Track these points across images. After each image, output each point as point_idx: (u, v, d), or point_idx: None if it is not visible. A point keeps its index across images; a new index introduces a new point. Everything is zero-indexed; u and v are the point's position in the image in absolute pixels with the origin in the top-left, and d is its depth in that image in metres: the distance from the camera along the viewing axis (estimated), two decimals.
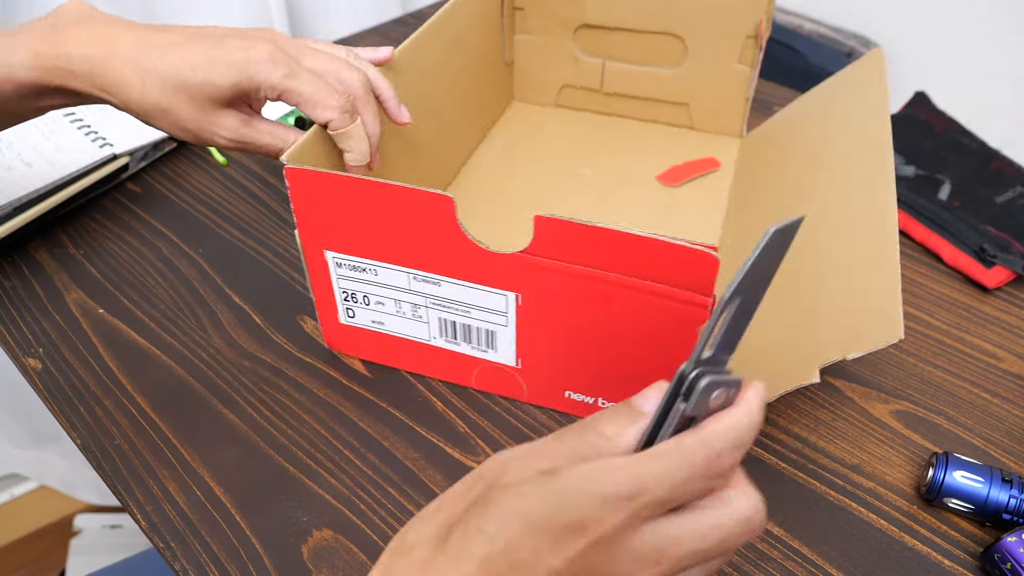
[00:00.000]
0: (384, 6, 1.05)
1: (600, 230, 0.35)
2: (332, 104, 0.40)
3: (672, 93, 0.65)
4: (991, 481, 0.38)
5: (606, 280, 0.37)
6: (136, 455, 0.42)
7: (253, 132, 0.42)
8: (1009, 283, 0.53)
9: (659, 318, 0.37)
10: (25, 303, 0.51)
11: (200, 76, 0.40)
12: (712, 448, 0.24)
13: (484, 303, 0.40)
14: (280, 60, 0.40)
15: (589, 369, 0.42)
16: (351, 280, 0.42)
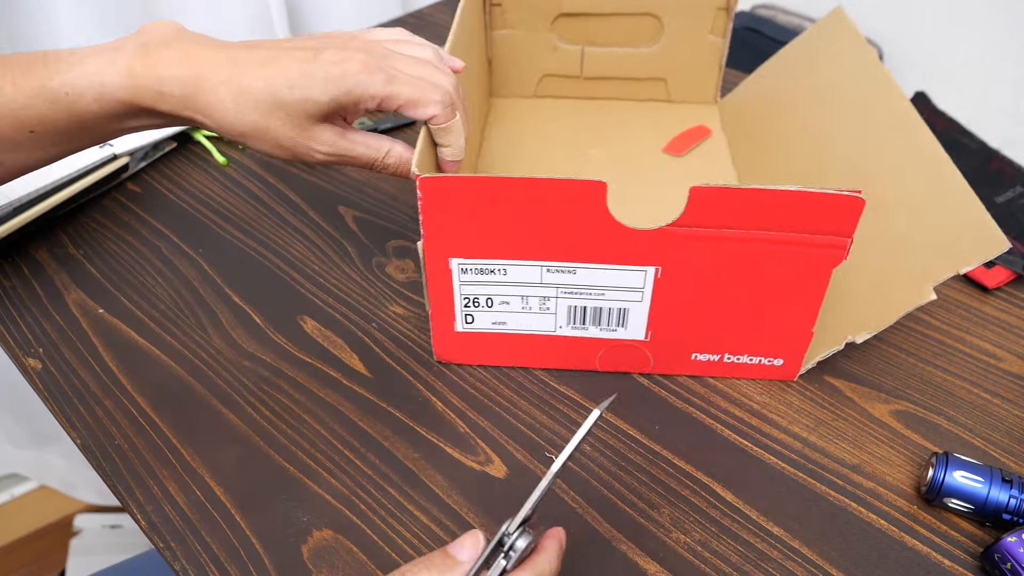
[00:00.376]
0: (384, 6, 1.05)
1: (755, 191, 0.36)
2: (435, 99, 0.40)
3: (650, 70, 0.68)
4: (991, 481, 0.38)
5: (748, 239, 0.38)
6: (136, 455, 0.42)
7: (349, 144, 0.42)
8: (1009, 283, 0.53)
9: (795, 266, 0.39)
10: (25, 303, 0.51)
11: (298, 94, 0.39)
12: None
13: (620, 282, 0.41)
14: (375, 68, 0.40)
15: (717, 328, 0.43)
16: (475, 284, 0.42)
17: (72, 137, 0.43)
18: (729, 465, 0.41)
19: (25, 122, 0.41)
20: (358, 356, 0.47)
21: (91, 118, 0.41)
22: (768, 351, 0.44)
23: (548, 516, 0.39)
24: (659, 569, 0.37)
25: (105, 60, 0.40)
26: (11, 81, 0.40)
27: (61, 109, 0.40)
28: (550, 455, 0.42)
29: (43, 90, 0.40)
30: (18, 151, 0.42)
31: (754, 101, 0.65)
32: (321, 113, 0.40)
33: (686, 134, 0.65)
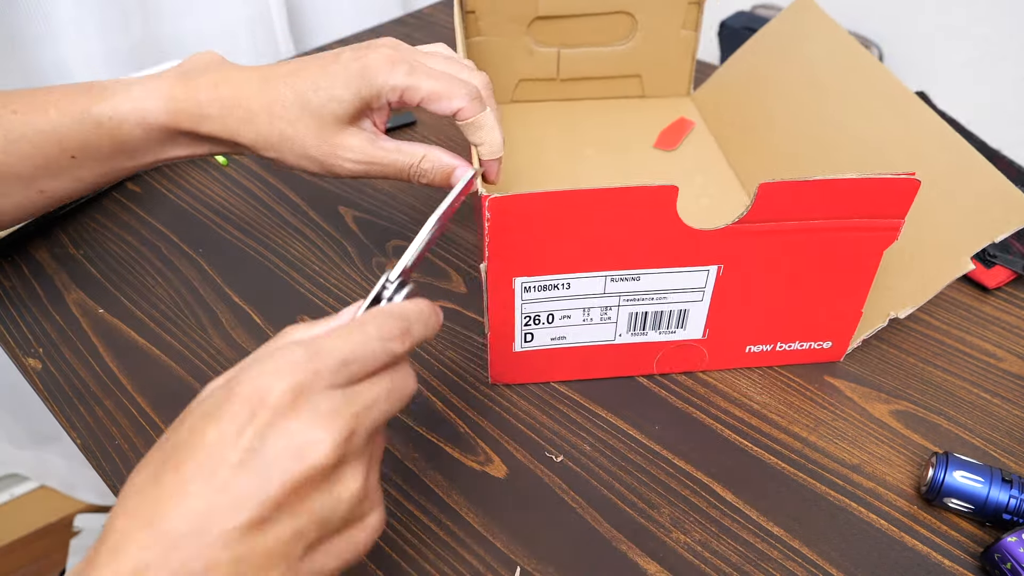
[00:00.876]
0: (384, 6, 1.05)
1: (819, 182, 0.37)
2: (460, 93, 0.39)
3: (625, 67, 0.68)
4: (991, 481, 0.38)
5: (807, 228, 0.39)
6: (136, 455, 0.42)
7: (380, 152, 0.42)
8: (1009, 283, 0.53)
9: (849, 250, 0.40)
10: (25, 303, 0.51)
11: (323, 95, 0.40)
12: (383, 322, 0.28)
13: (683, 284, 0.41)
14: (397, 60, 0.39)
15: (771, 318, 0.43)
16: (537, 302, 0.41)
17: (113, 164, 0.43)
18: (729, 465, 0.41)
19: (68, 147, 0.42)
20: None
21: (133, 143, 0.42)
22: (818, 335, 0.45)
23: (548, 516, 0.39)
24: (659, 569, 0.37)
25: (148, 87, 0.42)
26: (56, 106, 0.41)
27: (104, 134, 0.42)
28: (550, 455, 0.42)
29: (87, 115, 0.41)
30: (59, 177, 0.43)
31: (730, 90, 0.66)
32: (347, 113, 0.40)
33: (673, 128, 0.66)
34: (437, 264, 0.54)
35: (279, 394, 0.25)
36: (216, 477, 0.24)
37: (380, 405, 0.28)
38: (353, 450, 0.26)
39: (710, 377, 0.46)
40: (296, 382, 0.26)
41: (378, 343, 0.28)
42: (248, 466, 0.25)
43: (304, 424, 0.25)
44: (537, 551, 0.38)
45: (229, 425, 0.25)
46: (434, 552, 0.38)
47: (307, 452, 0.25)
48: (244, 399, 0.25)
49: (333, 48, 0.83)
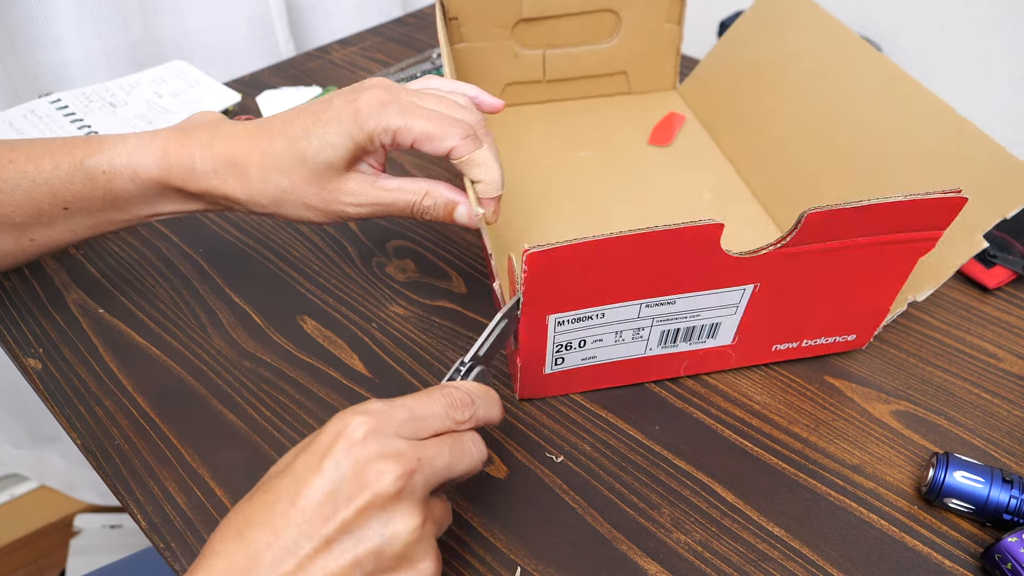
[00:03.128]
0: (384, 6, 1.05)
1: (867, 207, 0.36)
2: (453, 132, 0.39)
3: (610, 65, 0.68)
4: (991, 481, 0.38)
5: (848, 246, 0.39)
6: (136, 455, 0.42)
7: (381, 192, 0.41)
8: (1009, 283, 0.53)
9: (888, 260, 0.40)
10: (25, 303, 0.51)
11: (316, 143, 0.39)
12: (449, 393, 0.33)
13: (718, 303, 0.40)
14: (388, 102, 0.39)
15: (801, 320, 0.43)
16: (571, 333, 0.40)
17: (105, 216, 0.43)
18: (729, 465, 0.41)
19: (61, 198, 0.42)
20: (358, 356, 0.47)
21: (126, 197, 0.42)
22: (843, 330, 0.45)
23: (548, 516, 0.39)
24: (659, 569, 0.37)
25: (143, 142, 0.42)
26: (51, 158, 0.41)
27: (97, 187, 0.42)
28: (550, 455, 0.42)
29: (81, 167, 0.41)
30: (51, 227, 0.43)
31: (716, 81, 0.66)
32: (341, 159, 0.39)
33: (664, 123, 0.66)
34: (437, 264, 0.54)
35: (356, 430, 0.29)
36: (299, 498, 0.28)
37: (441, 459, 0.31)
38: (412, 490, 0.30)
39: (710, 377, 0.46)
40: (372, 423, 0.30)
41: (442, 408, 0.32)
42: (324, 490, 0.28)
43: (373, 456, 0.29)
44: (537, 551, 0.38)
45: (313, 455, 0.29)
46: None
47: (372, 480, 0.29)
48: (328, 434, 0.30)
49: (332, 47, 0.83)
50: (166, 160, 0.41)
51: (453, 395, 0.33)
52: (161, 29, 0.88)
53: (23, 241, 0.43)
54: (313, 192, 0.40)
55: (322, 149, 0.39)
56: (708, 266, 0.38)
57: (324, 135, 0.39)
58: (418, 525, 0.29)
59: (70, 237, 0.44)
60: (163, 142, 0.41)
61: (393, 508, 0.29)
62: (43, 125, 0.62)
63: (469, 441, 0.33)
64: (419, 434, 0.31)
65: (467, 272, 0.53)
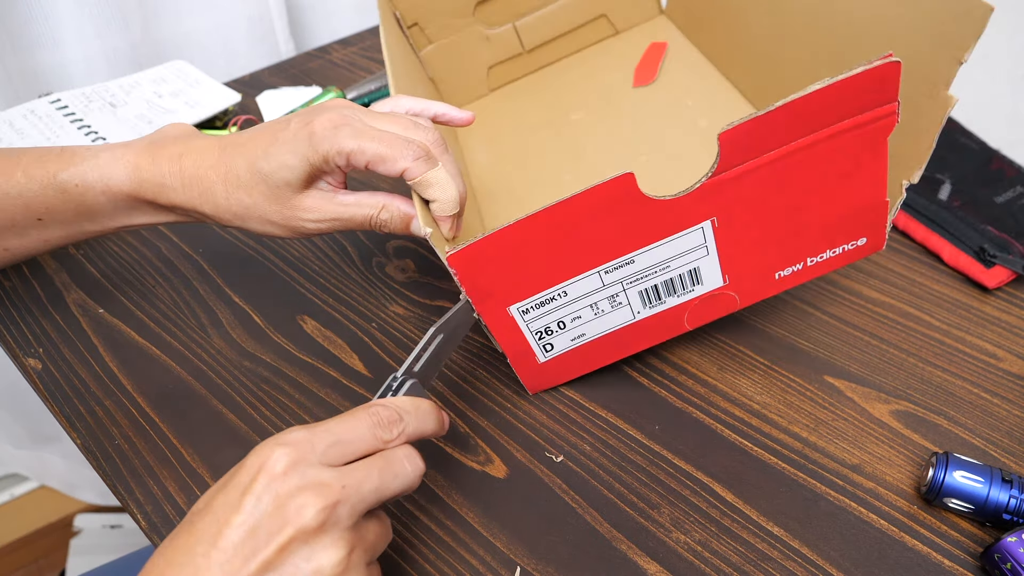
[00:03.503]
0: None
1: (782, 108, 0.34)
2: (404, 153, 0.38)
3: (588, 12, 0.66)
4: (991, 481, 0.38)
5: (791, 151, 0.36)
6: (136, 455, 0.42)
7: (338, 207, 0.41)
8: (1009, 283, 0.53)
9: (848, 153, 0.38)
10: (25, 303, 0.51)
11: (273, 162, 0.39)
12: (375, 412, 0.33)
13: (680, 249, 0.39)
14: (341, 124, 0.39)
15: (793, 240, 0.41)
16: (542, 318, 0.40)
17: (78, 227, 0.44)
18: (729, 465, 0.41)
19: (34, 210, 0.42)
20: (358, 356, 0.47)
21: (98, 210, 0.43)
22: (849, 236, 0.42)
23: (548, 516, 0.39)
24: (659, 569, 0.37)
25: (115, 155, 0.42)
26: (23, 171, 0.42)
27: (70, 200, 0.42)
28: (550, 455, 0.42)
29: (53, 181, 0.42)
30: (24, 237, 0.44)
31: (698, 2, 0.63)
32: (298, 179, 0.40)
33: (645, 60, 0.63)
34: (437, 264, 0.54)
35: (276, 463, 0.29)
36: (219, 538, 0.28)
37: (369, 483, 0.31)
38: (337, 521, 0.29)
39: (710, 377, 0.46)
40: (293, 454, 0.30)
41: (367, 428, 0.32)
42: (245, 528, 0.28)
43: (293, 489, 0.29)
44: (537, 551, 0.38)
45: (233, 492, 0.29)
46: (434, 552, 0.38)
47: (293, 515, 0.28)
48: (248, 469, 0.30)
49: (332, 47, 0.83)
50: (137, 175, 0.41)
51: (380, 413, 0.33)
52: (161, 29, 0.88)
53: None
54: (274, 209, 0.41)
55: (279, 169, 0.39)
56: (642, 217, 0.37)
57: (280, 155, 0.39)
58: (343, 557, 0.29)
59: (43, 246, 0.45)
60: (135, 156, 0.42)
61: (316, 542, 0.29)
62: (43, 125, 0.62)
63: (402, 458, 0.33)
64: (344, 458, 0.31)
65: None
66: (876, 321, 0.50)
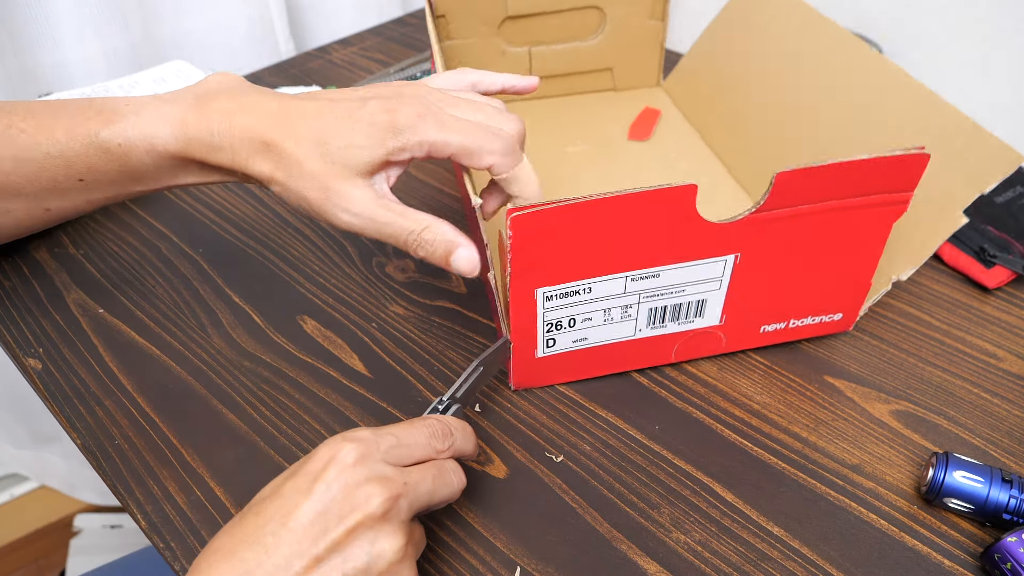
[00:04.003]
0: (384, 6, 1.05)
1: (834, 166, 0.37)
2: (493, 148, 0.37)
3: (596, 62, 0.70)
4: (991, 481, 0.38)
5: (820, 210, 0.39)
6: (136, 455, 0.42)
7: (383, 211, 0.38)
8: (1009, 283, 0.53)
9: (860, 227, 0.41)
10: (25, 303, 0.51)
11: (344, 139, 0.37)
12: (431, 424, 0.35)
13: (701, 276, 0.41)
14: (425, 113, 0.37)
15: (785, 297, 0.44)
16: (559, 309, 0.40)
17: (123, 188, 0.42)
18: (729, 465, 0.41)
19: (76, 170, 0.40)
20: (358, 356, 0.47)
21: (142, 170, 0.41)
22: (828, 309, 0.45)
23: (548, 516, 0.39)
24: (659, 569, 0.37)
25: (160, 112, 0.39)
26: (64, 129, 0.40)
27: (113, 160, 0.40)
28: (550, 455, 0.42)
29: (95, 140, 0.39)
30: (66, 198, 0.42)
31: (698, 75, 0.67)
32: (365, 163, 0.37)
33: (641, 119, 0.67)
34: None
35: (347, 456, 0.31)
36: (289, 519, 0.30)
37: (424, 485, 0.33)
38: (397, 513, 0.31)
39: (710, 377, 0.46)
40: (362, 449, 0.32)
41: (424, 437, 0.34)
42: (315, 511, 0.30)
43: (362, 479, 0.31)
44: (537, 551, 0.38)
45: (303, 479, 0.31)
46: (434, 552, 0.38)
47: (362, 502, 0.30)
48: (319, 459, 0.31)
49: (332, 47, 0.83)
50: (183, 132, 0.39)
51: (435, 426, 0.35)
52: (161, 29, 0.88)
53: (37, 211, 0.42)
54: (316, 186, 0.38)
55: (347, 148, 0.37)
56: (687, 232, 0.38)
57: (353, 135, 0.37)
58: (402, 546, 0.31)
59: (87, 207, 0.43)
60: (181, 112, 0.39)
61: (380, 529, 0.30)
62: None
63: (451, 470, 0.35)
64: (403, 461, 0.33)
65: None
66: (876, 321, 0.50)
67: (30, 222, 0.43)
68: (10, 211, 0.42)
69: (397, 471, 0.32)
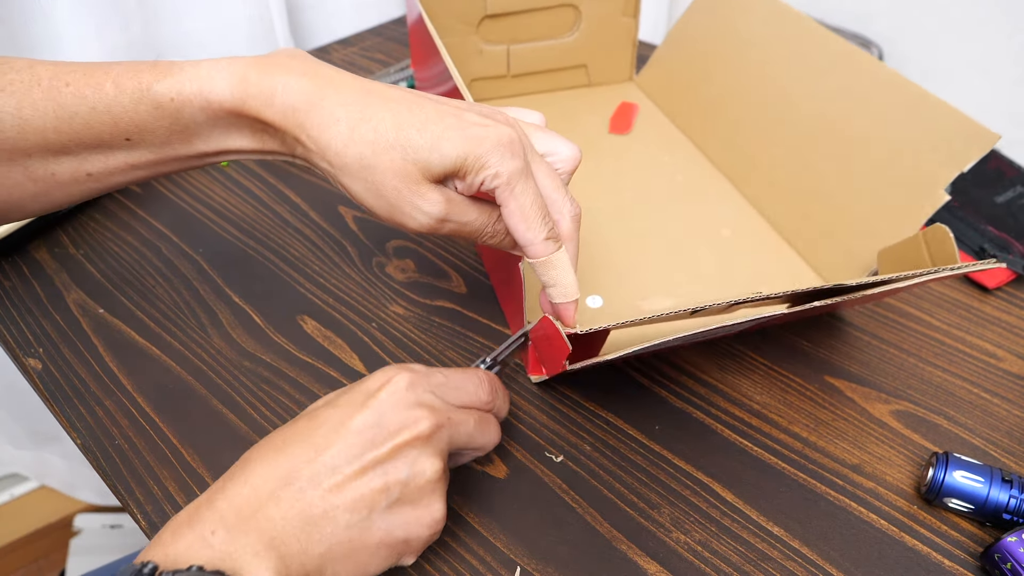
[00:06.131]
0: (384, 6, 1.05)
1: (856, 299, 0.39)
2: (539, 228, 0.35)
3: (571, 58, 0.71)
4: (991, 481, 0.38)
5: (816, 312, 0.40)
6: (136, 455, 0.42)
7: (459, 207, 0.36)
8: (1009, 283, 0.53)
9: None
10: (25, 303, 0.51)
11: (427, 139, 0.34)
12: (481, 375, 0.38)
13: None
14: (518, 153, 0.35)
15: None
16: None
17: (169, 150, 0.39)
18: (729, 465, 0.41)
19: (123, 128, 0.37)
20: (358, 356, 0.47)
21: (194, 129, 0.38)
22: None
23: (548, 516, 0.39)
24: (659, 569, 0.37)
25: (219, 66, 0.36)
26: (114, 82, 0.37)
27: (163, 116, 0.37)
28: (550, 455, 0.42)
29: (147, 94, 0.36)
30: (110, 159, 0.39)
31: (671, 70, 0.69)
32: (438, 169, 0.35)
33: (620, 113, 0.69)
34: (437, 264, 0.54)
35: (401, 380, 0.34)
36: (342, 427, 0.32)
37: (466, 426, 0.35)
38: (439, 440, 0.33)
39: (710, 377, 0.46)
40: (414, 378, 0.34)
41: (472, 385, 0.37)
42: (367, 423, 0.32)
43: (413, 403, 0.33)
44: (537, 551, 0.38)
45: (358, 394, 0.33)
46: (434, 552, 0.38)
47: (411, 422, 0.33)
48: (375, 380, 0.34)
49: (332, 47, 0.83)
50: (242, 86, 0.36)
51: (483, 377, 0.37)
52: (161, 29, 0.87)
53: (79, 175, 0.39)
54: (391, 183, 0.35)
55: (427, 150, 0.34)
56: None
57: (439, 138, 0.34)
58: (440, 469, 0.33)
59: (128, 175, 0.40)
60: (243, 68, 0.36)
61: (422, 449, 0.32)
62: None
63: (492, 422, 0.37)
64: (449, 399, 0.35)
65: (467, 272, 0.53)
66: (876, 321, 0.50)
67: (73, 189, 0.40)
68: (55, 174, 0.39)
69: (445, 404, 0.34)
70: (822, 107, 0.53)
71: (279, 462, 0.31)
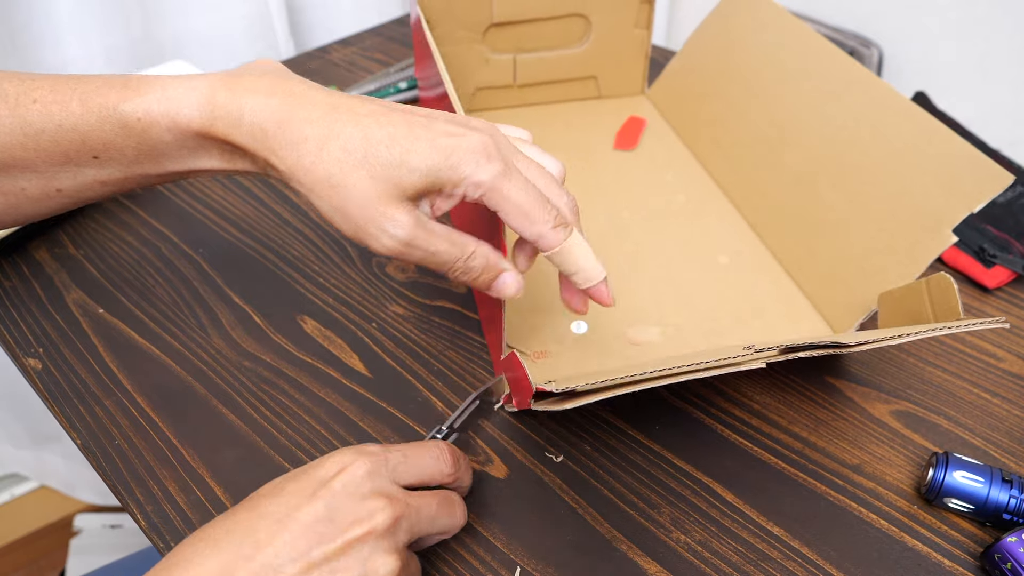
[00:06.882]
0: (384, 6, 1.05)
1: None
2: (544, 217, 0.34)
3: (580, 69, 0.69)
4: (991, 481, 0.38)
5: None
6: (136, 455, 0.42)
7: (428, 235, 0.35)
8: (1009, 283, 0.53)
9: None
10: (25, 303, 0.51)
11: (396, 154, 0.33)
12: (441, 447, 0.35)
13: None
14: (494, 156, 0.34)
15: None
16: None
17: (138, 168, 0.38)
18: (729, 465, 0.41)
19: (91, 146, 0.37)
20: (358, 356, 0.47)
21: (162, 149, 0.37)
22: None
23: (548, 516, 0.39)
24: (659, 569, 0.37)
25: (187, 86, 0.36)
26: (80, 100, 0.36)
27: (131, 135, 0.37)
28: (550, 455, 0.42)
29: (114, 113, 0.36)
30: (79, 177, 0.39)
31: (683, 85, 0.67)
32: (412, 187, 0.34)
33: (626, 128, 0.67)
34: None
35: (358, 468, 0.31)
36: (288, 520, 0.29)
37: (427, 510, 0.33)
38: (398, 534, 0.31)
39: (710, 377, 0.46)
40: (372, 464, 0.32)
41: (431, 458, 0.34)
42: (317, 516, 0.29)
43: (369, 493, 0.31)
44: (537, 551, 0.38)
45: (308, 483, 0.31)
46: (433, 551, 0.38)
47: (366, 516, 0.30)
48: (328, 466, 0.31)
49: (331, 47, 0.83)
50: (210, 107, 0.35)
51: (444, 449, 0.35)
52: (161, 28, 0.88)
53: (50, 190, 0.39)
54: (359, 203, 0.34)
55: (397, 166, 0.33)
56: None
57: (408, 153, 0.33)
58: (396, 567, 0.30)
59: (100, 190, 0.40)
60: (210, 87, 0.36)
61: (377, 545, 0.30)
62: None
63: (456, 501, 0.35)
64: (410, 478, 0.33)
65: None
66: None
67: (43, 200, 0.40)
68: (24, 189, 0.39)
69: (402, 492, 0.32)
70: (834, 134, 0.51)
71: (216, 558, 0.28)
